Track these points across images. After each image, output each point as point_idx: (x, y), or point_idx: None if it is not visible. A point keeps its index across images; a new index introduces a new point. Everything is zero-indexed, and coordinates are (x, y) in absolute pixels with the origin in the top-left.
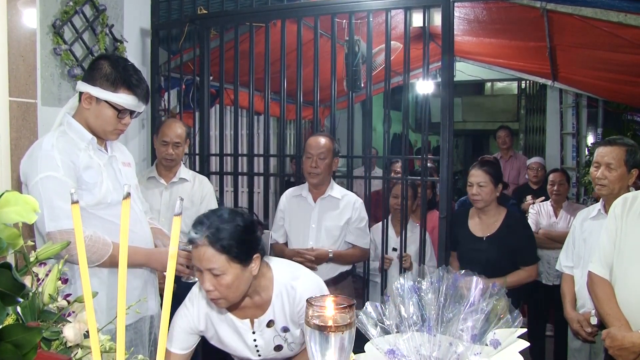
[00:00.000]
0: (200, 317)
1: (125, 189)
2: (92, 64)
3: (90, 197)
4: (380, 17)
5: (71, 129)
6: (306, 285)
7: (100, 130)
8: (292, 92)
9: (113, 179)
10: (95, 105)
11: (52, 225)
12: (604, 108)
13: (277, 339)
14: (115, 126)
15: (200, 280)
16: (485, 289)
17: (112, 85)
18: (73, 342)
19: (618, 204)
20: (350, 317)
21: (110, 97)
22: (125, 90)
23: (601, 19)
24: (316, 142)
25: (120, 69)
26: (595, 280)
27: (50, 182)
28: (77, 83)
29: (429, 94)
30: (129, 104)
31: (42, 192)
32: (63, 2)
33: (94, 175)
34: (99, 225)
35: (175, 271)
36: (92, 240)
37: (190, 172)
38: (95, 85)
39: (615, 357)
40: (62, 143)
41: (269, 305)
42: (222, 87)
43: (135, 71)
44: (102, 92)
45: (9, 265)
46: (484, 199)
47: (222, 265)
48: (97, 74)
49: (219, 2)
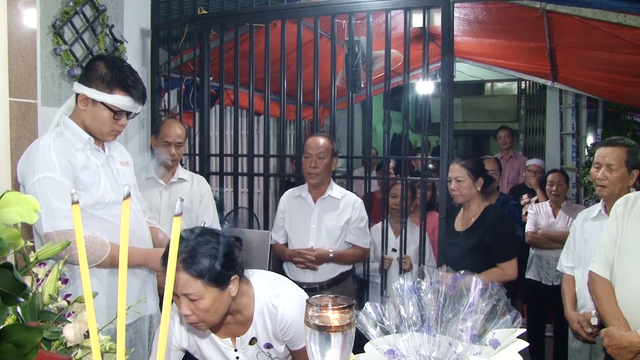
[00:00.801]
0: (183, 335)
1: (126, 189)
2: (88, 65)
3: (88, 197)
4: (380, 17)
5: (68, 129)
6: (288, 305)
7: (97, 131)
8: (292, 93)
9: (111, 178)
10: (92, 107)
11: (49, 226)
12: (603, 108)
13: (260, 355)
14: (111, 127)
15: (177, 305)
16: (484, 289)
17: (107, 87)
18: (73, 342)
19: (620, 204)
20: (350, 317)
21: (106, 98)
22: (121, 91)
23: (601, 19)
24: (315, 142)
25: (115, 70)
26: (596, 279)
27: (48, 183)
28: (74, 84)
29: (429, 94)
30: (124, 105)
31: (40, 193)
32: (63, 2)
33: (92, 175)
34: (97, 225)
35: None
36: (89, 241)
37: (187, 172)
38: (91, 86)
39: (614, 356)
40: (59, 144)
41: (251, 323)
42: (222, 88)
43: (132, 72)
44: (97, 93)
45: (10, 266)
46: (462, 194)
47: (199, 290)
48: (93, 75)
49: (219, 3)
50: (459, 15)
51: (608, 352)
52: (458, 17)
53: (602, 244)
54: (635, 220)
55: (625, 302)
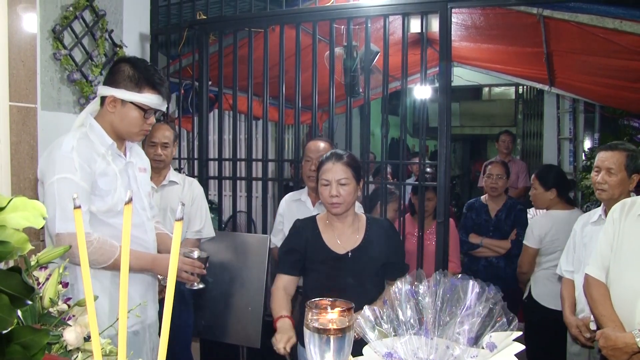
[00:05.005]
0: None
1: (127, 195)
2: (112, 67)
3: (101, 204)
4: (379, 22)
5: (93, 131)
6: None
7: (126, 132)
8: (290, 97)
9: (127, 186)
10: (121, 108)
11: (62, 226)
12: (600, 113)
13: None
14: (141, 127)
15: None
16: (481, 293)
17: (136, 86)
18: (74, 345)
19: (617, 208)
20: (349, 320)
21: (136, 97)
22: (150, 89)
23: (597, 25)
24: (316, 146)
25: (142, 69)
26: (591, 282)
27: (66, 184)
28: (97, 88)
29: (427, 99)
30: (154, 103)
31: (57, 193)
32: (63, 7)
33: (109, 183)
34: (106, 232)
35: (180, 278)
36: (99, 242)
37: (179, 175)
38: (119, 87)
39: (609, 357)
40: (82, 147)
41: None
42: (220, 92)
43: (156, 70)
44: (127, 93)
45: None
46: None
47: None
48: (120, 77)
49: (218, 8)
50: (456, 20)
51: (603, 353)
52: (456, 23)
53: (598, 247)
54: (631, 223)
55: (620, 304)
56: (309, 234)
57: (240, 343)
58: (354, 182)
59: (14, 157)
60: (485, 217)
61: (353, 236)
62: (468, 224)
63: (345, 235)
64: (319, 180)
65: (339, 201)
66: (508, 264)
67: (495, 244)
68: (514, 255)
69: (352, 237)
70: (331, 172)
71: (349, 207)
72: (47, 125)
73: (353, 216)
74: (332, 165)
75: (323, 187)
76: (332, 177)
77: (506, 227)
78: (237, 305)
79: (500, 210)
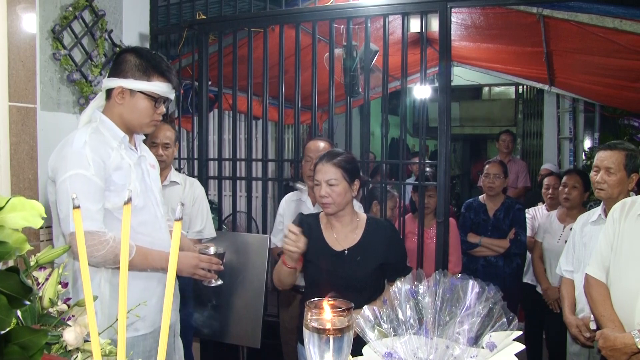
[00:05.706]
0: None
1: (127, 194)
2: (117, 58)
3: (117, 199)
4: (379, 22)
5: (104, 126)
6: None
7: (137, 123)
8: (290, 97)
9: (141, 181)
10: (130, 98)
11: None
12: (600, 113)
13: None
14: (151, 117)
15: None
16: (481, 293)
17: (144, 75)
18: (73, 345)
19: (617, 208)
20: (348, 320)
21: (146, 86)
22: (159, 77)
23: (597, 24)
24: (315, 146)
25: (149, 58)
26: (591, 282)
27: (79, 181)
28: (103, 80)
29: (427, 98)
30: (163, 91)
31: (70, 190)
32: (62, 7)
33: (124, 177)
34: (118, 229)
35: (197, 276)
36: (115, 242)
37: (181, 175)
38: (127, 77)
39: (608, 358)
40: (95, 141)
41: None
42: (220, 92)
43: (162, 58)
44: (135, 82)
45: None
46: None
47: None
48: (126, 66)
49: (218, 8)
50: (456, 20)
51: (603, 353)
52: (455, 22)
53: (598, 247)
54: (631, 223)
55: (620, 304)
56: (312, 227)
57: (240, 343)
58: (344, 182)
59: (14, 157)
60: (483, 217)
61: (351, 235)
62: (466, 224)
63: (343, 233)
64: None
65: (328, 201)
66: (507, 263)
67: (494, 243)
68: (513, 254)
69: (349, 235)
70: (321, 172)
71: (341, 207)
72: (47, 125)
73: (351, 215)
74: (322, 165)
75: (316, 187)
76: (321, 178)
77: (504, 227)
78: (237, 305)
79: (499, 210)
